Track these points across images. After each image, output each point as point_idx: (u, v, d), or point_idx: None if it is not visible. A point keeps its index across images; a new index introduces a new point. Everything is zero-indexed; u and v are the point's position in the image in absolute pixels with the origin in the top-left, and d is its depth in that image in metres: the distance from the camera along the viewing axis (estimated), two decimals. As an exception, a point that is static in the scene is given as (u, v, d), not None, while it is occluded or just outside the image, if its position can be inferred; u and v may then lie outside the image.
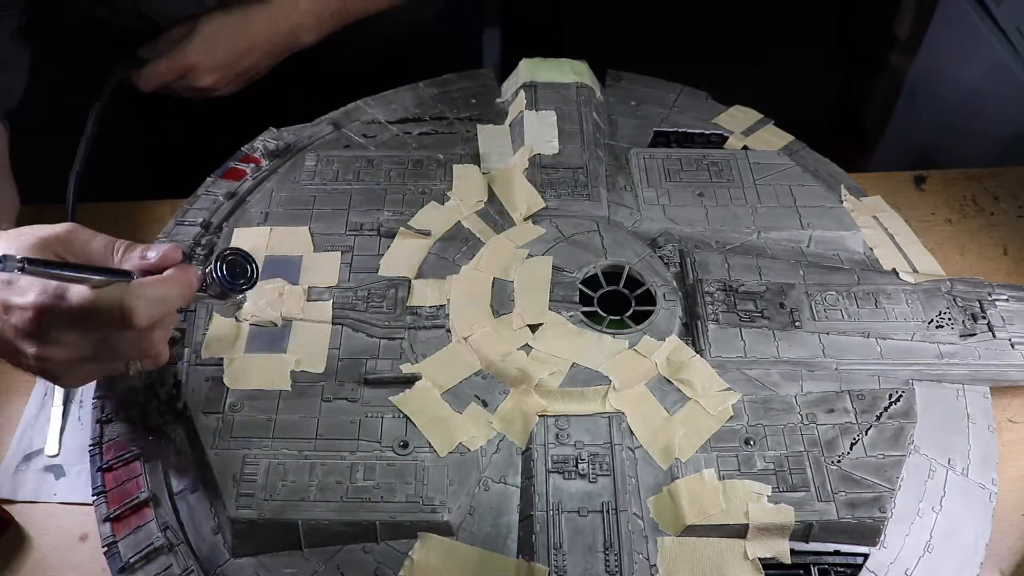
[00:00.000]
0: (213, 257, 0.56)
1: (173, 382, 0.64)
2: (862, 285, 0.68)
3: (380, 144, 0.81)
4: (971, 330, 0.66)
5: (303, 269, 0.69)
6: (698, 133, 0.83)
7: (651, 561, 0.55)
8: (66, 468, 0.66)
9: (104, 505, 0.59)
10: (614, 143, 0.82)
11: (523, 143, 0.78)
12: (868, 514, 0.56)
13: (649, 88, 0.88)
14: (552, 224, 0.72)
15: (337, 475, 0.57)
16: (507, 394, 0.62)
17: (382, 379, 0.63)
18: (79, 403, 0.70)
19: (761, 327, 0.65)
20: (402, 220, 0.73)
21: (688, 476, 0.58)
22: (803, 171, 0.78)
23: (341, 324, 0.66)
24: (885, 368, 0.64)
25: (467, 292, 0.67)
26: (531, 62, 0.86)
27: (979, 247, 0.81)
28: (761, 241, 0.73)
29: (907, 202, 0.83)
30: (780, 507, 0.56)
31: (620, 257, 0.70)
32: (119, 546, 0.58)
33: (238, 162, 0.81)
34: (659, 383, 0.63)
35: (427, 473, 0.57)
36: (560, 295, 0.67)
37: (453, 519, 0.56)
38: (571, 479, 0.58)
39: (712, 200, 0.75)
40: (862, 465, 0.59)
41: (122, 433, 0.63)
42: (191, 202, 0.78)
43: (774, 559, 0.56)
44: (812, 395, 0.62)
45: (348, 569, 0.55)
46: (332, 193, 0.75)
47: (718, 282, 0.68)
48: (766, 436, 0.60)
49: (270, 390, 0.62)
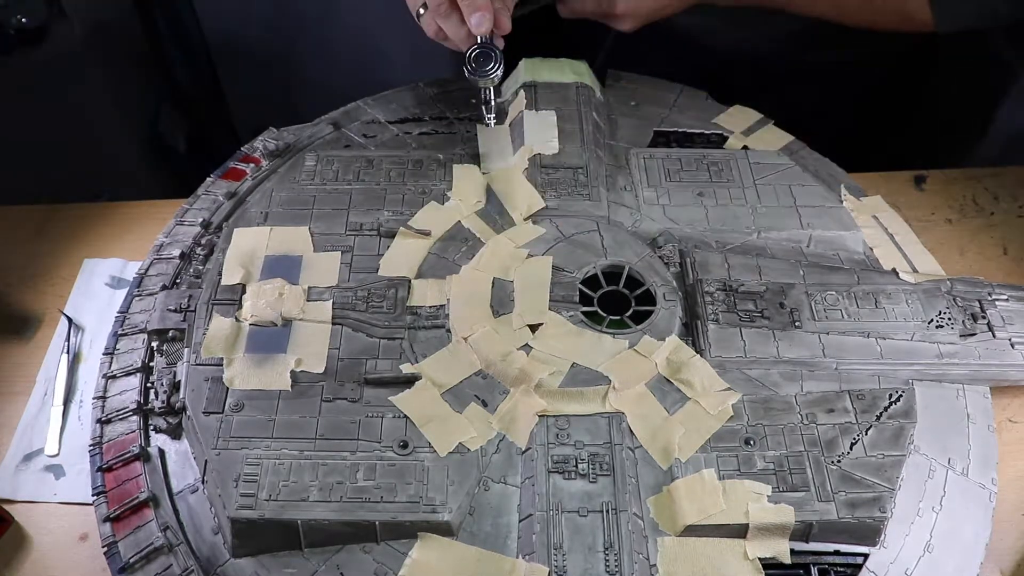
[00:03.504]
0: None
1: (173, 382, 0.64)
2: (862, 285, 0.68)
3: (380, 144, 0.81)
4: (971, 330, 0.66)
5: (303, 269, 0.69)
6: (698, 133, 0.83)
7: (651, 561, 0.55)
8: (66, 468, 0.66)
9: (104, 505, 0.60)
10: (614, 143, 0.82)
11: (523, 143, 0.78)
12: (868, 514, 0.56)
13: (649, 88, 0.87)
14: (552, 224, 0.72)
15: (337, 475, 0.57)
16: (507, 394, 0.62)
17: (382, 379, 0.63)
18: (79, 403, 0.70)
19: (761, 327, 0.65)
20: (402, 220, 0.73)
21: (688, 476, 0.58)
22: (803, 171, 0.78)
23: (341, 324, 0.66)
24: (885, 368, 0.64)
25: (467, 292, 0.67)
26: (531, 62, 0.86)
27: (979, 247, 0.81)
28: (761, 241, 0.73)
29: (907, 202, 0.83)
30: (780, 507, 0.56)
31: (620, 257, 0.70)
32: (119, 546, 0.58)
33: (238, 162, 0.81)
34: (659, 383, 0.63)
35: (427, 473, 0.57)
36: (560, 295, 0.67)
37: (453, 519, 0.56)
38: (571, 479, 0.58)
39: (712, 200, 0.75)
40: (862, 465, 0.59)
41: (122, 433, 0.63)
42: (191, 202, 0.78)
43: (774, 559, 0.56)
44: (812, 395, 0.62)
45: (348, 569, 0.55)
46: (332, 193, 0.75)
47: (718, 282, 0.68)
48: (766, 436, 0.60)
49: (270, 390, 0.62)
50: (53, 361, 0.73)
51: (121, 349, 0.68)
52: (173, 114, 1.34)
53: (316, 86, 1.37)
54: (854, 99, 1.04)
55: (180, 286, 0.71)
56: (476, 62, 0.73)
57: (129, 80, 1.24)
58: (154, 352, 0.67)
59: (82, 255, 0.81)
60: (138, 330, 0.69)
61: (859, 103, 1.05)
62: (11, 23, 1.02)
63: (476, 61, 0.73)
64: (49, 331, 0.75)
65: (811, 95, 0.98)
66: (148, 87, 1.32)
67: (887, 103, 1.09)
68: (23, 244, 0.82)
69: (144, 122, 1.28)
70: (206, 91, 1.42)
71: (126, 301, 0.71)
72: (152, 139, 1.29)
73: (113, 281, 0.79)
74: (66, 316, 0.75)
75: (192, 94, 1.41)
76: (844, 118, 1.05)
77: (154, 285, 0.72)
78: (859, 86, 1.02)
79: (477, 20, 0.70)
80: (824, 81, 0.98)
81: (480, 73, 0.73)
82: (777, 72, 0.95)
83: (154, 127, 1.30)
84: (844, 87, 1.01)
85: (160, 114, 1.31)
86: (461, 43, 0.73)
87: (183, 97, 1.40)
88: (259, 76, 1.40)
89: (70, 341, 0.74)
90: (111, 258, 0.80)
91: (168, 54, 1.36)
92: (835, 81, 0.98)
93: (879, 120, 1.10)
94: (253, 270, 0.69)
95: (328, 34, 1.31)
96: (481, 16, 0.70)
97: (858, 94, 1.04)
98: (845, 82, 1.00)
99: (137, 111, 1.27)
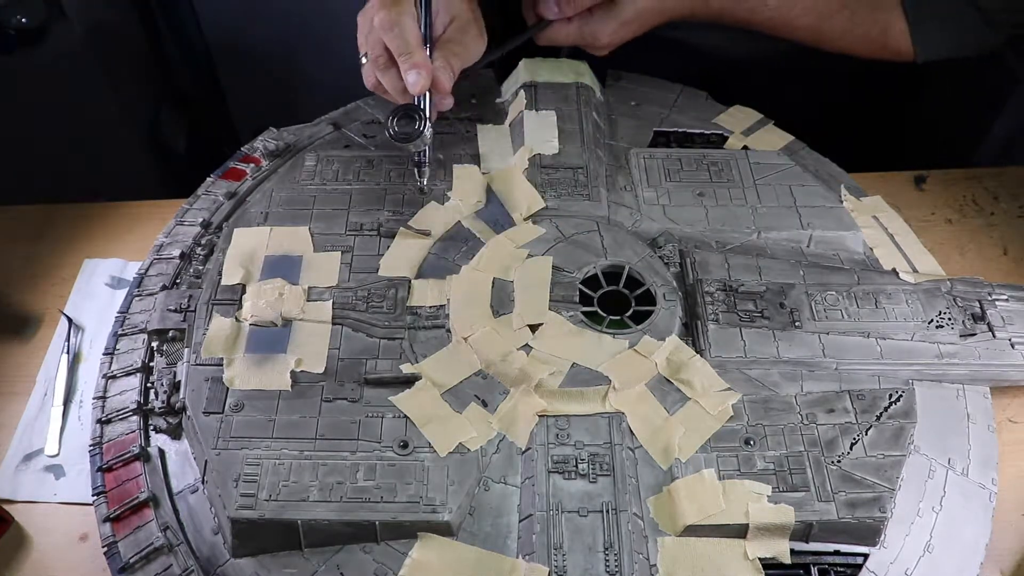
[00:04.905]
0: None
1: (173, 382, 0.64)
2: (862, 285, 0.68)
3: (380, 144, 0.81)
4: (971, 330, 0.66)
5: (303, 269, 0.69)
6: (698, 133, 0.83)
7: (651, 561, 0.55)
8: (66, 468, 0.66)
9: (104, 505, 0.60)
10: (614, 143, 0.82)
11: (523, 143, 0.78)
12: (868, 514, 0.56)
13: (649, 88, 0.87)
14: (552, 224, 0.72)
15: (337, 475, 0.57)
16: (507, 394, 0.62)
17: (382, 379, 0.63)
18: (79, 403, 0.70)
19: (761, 327, 0.65)
20: (402, 220, 0.73)
21: (688, 476, 0.58)
22: (803, 171, 0.78)
23: (341, 324, 0.66)
24: (885, 368, 0.64)
25: (467, 292, 0.67)
26: (531, 62, 0.86)
27: (979, 247, 0.81)
28: (761, 241, 0.73)
29: (907, 202, 0.83)
30: (780, 507, 0.56)
31: (620, 257, 0.70)
32: (119, 546, 0.58)
33: (238, 162, 0.81)
34: (659, 383, 0.63)
35: (427, 473, 0.57)
36: (560, 295, 0.67)
37: (453, 519, 0.56)
38: (571, 479, 0.58)
39: (712, 200, 0.75)
40: (862, 465, 0.59)
41: (122, 433, 0.63)
42: (191, 202, 0.78)
43: (774, 559, 0.56)
44: (812, 395, 0.62)
45: (348, 569, 0.55)
46: (332, 193, 0.75)
47: (718, 282, 0.68)
48: (766, 436, 0.60)
49: (270, 390, 0.62)
50: (53, 361, 0.73)
51: (121, 349, 0.68)
52: (173, 114, 1.34)
53: (316, 86, 1.37)
54: (854, 99, 1.04)
55: (180, 286, 0.71)
56: (398, 124, 0.66)
57: (129, 80, 1.24)
58: (154, 352, 0.67)
59: (82, 255, 0.81)
60: (138, 330, 0.69)
61: (859, 103, 1.05)
62: (11, 23, 1.02)
63: (399, 123, 0.66)
64: (49, 331, 0.75)
65: (811, 95, 0.98)
66: (148, 87, 1.32)
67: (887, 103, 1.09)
68: (23, 244, 0.82)
69: (144, 122, 1.28)
70: (206, 91, 1.42)
71: (126, 301, 0.71)
72: (152, 139, 1.29)
73: (113, 281, 0.79)
74: (66, 316, 0.75)
75: (192, 94, 1.41)
76: (844, 118, 1.05)
77: (154, 285, 0.72)
78: (859, 86, 1.02)
79: (413, 78, 0.66)
80: (824, 81, 0.98)
81: (399, 137, 0.66)
82: (777, 72, 0.95)
83: (154, 127, 1.30)
84: (844, 87, 1.01)
85: (160, 114, 1.31)
86: (399, 98, 0.69)
87: (183, 97, 1.40)
88: (259, 76, 1.40)
89: (70, 341, 0.74)
90: (111, 258, 0.80)
91: (168, 54, 1.36)
92: (835, 81, 0.99)
93: (879, 120, 1.10)
94: (253, 270, 0.69)
95: (328, 34, 1.31)
96: (418, 74, 0.66)
97: (858, 94, 1.04)
98: (845, 82, 1.00)
99: (137, 111, 1.27)
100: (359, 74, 0.73)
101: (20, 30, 1.03)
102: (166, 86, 1.37)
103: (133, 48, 1.28)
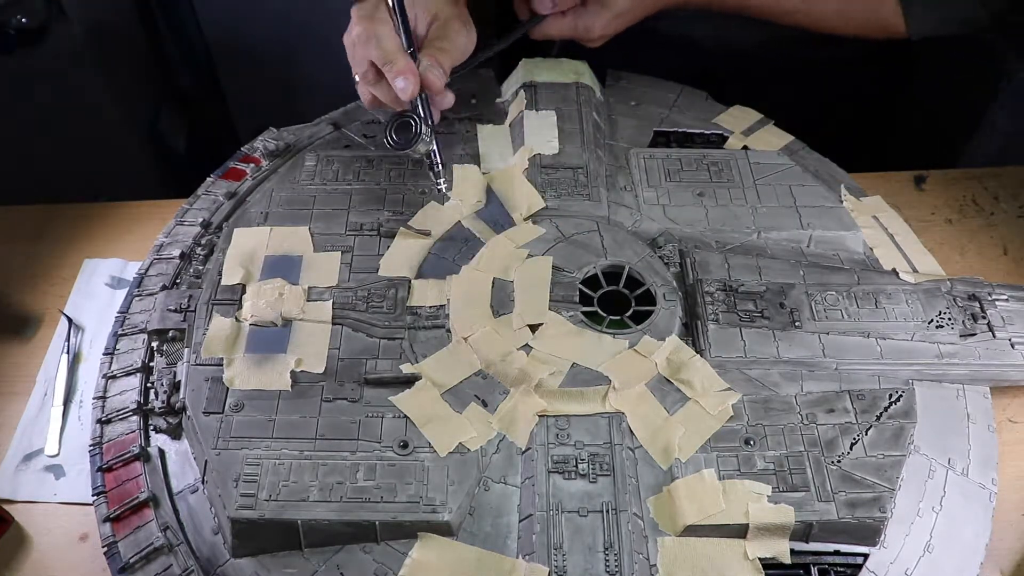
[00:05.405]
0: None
1: (173, 382, 0.64)
2: (862, 285, 0.68)
3: (380, 144, 0.81)
4: (971, 330, 0.66)
5: (303, 269, 0.69)
6: (698, 133, 0.83)
7: (651, 561, 0.55)
8: (66, 468, 0.66)
9: (104, 505, 0.60)
10: (614, 143, 0.82)
11: (523, 143, 0.78)
12: (868, 514, 0.56)
13: (649, 88, 0.87)
14: (552, 224, 0.72)
15: (337, 475, 0.57)
16: (507, 394, 0.62)
17: (382, 379, 0.63)
18: (79, 403, 0.70)
19: (761, 327, 0.65)
20: (402, 220, 0.73)
21: (688, 476, 0.58)
22: (803, 171, 0.78)
23: (341, 324, 0.66)
24: (885, 368, 0.64)
25: (467, 292, 0.67)
26: (531, 62, 0.86)
27: (979, 247, 0.81)
28: (761, 241, 0.73)
29: (907, 202, 0.83)
30: (780, 507, 0.56)
31: (620, 257, 0.70)
32: (119, 546, 0.58)
33: (238, 162, 0.81)
34: (659, 383, 0.63)
35: (427, 473, 0.57)
36: (560, 295, 0.67)
37: (453, 519, 0.56)
38: (571, 479, 0.58)
39: (712, 200, 0.75)
40: (862, 465, 0.59)
41: (122, 433, 0.63)
42: (191, 202, 0.78)
43: (774, 559, 0.56)
44: (812, 395, 0.62)
45: (348, 569, 0.55)
46: (332, 193, 0.75)
47: (718, 282, 0.68)
48: (766, 436, 0.60)
49: (270, 390, 0.62)
50: (53, 361, 0.73)
51: (121, 349, 0.68)
52: (173, 114, 1.34)
53: (316, 86, 1.37)
54: (854, 99, 1.04)
55: (180, 286, 0.71)
56: (396, 133, 0.68)
57: (129, 80, 1.24)
58: (154, 352, 0.67)
59: (82, 255, 0.81)
60: (138, 330, 0.69)
61: (859, 103, 1.05)
62: (11, 23, 1.02)
63: (396, 132, 0.68)
64: (49, 331, 0.75)
65: (811, 95, 0.98)
66: (148, 87, 1.32)
67: (887, 103, 1.09)
68: (23, 244, 0.82)
69: (144, 122, 1.28)
70: (206, 91, 1.42)
71: (126, 301, 0.71)
72: (152, 139, 1.29)
73: (113, 281, 0.79)
74: (66, 316, 0.75)
75: (192, 94, 1.41)
76: (844, 118, 1.05)
77: (154, 285, 0.72)
78: (859, 85, 1.02)
79: (402, 85, 0.66)
80: (823, 81, 0.98)
81: (397, 145, 0.67)
82: (777, 72, 0.95)
83: (154, 127, 1.30)
84: (844, 87, 1.01)
85: (160, 114, 1.31)
86: (398, 108, 0.70)
87: (183, 97, 1.40)
88: (259, 76, 1.40)
89: (70, 341, 0.74)
90: (111, 258, 0.80)
91: (168, 54, 1.36)
92: (835, 81, 0.99)
93: (879, 120, 1.10)
94: (253, 270, 0.69)
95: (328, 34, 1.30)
96: (404, 79, 0.66)
97: (858, 94, 1.04)
98: (845, 82, 1.00)
99: (137, 111, 1.27)
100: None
101: (20, 30, 1.03)
102: (166, 86, 1.37)
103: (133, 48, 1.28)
